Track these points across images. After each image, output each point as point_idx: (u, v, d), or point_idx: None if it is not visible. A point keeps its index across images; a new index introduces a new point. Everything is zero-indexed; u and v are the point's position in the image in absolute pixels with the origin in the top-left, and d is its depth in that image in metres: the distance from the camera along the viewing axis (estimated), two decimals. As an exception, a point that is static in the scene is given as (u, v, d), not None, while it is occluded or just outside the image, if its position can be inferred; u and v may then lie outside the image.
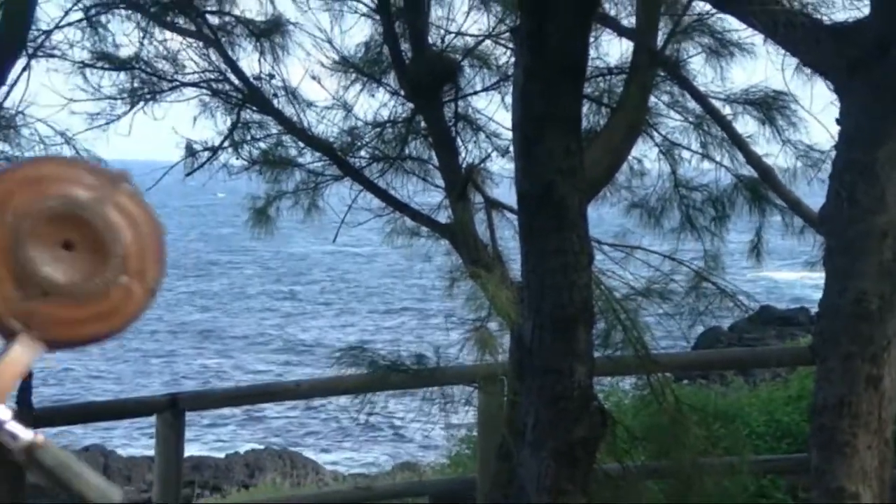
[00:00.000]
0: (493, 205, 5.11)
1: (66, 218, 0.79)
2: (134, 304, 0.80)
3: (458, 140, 5.39)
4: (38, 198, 0.78)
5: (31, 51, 5.13)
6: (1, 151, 5.14)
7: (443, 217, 5.28)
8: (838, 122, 3.96)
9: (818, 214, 4.25)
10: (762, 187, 5.65)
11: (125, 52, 5.49)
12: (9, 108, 5.15)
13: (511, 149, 4.70)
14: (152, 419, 5.29)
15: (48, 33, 5.27)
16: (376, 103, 5.60)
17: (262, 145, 5.72)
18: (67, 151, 5.27)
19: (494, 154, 5.57)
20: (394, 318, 27.52)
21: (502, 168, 5.47)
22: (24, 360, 0.78)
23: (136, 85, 5.51)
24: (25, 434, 0.78)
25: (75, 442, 13.24)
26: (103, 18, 5.42)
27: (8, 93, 5.05)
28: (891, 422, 3.80)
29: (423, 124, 5.46)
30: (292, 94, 5.55)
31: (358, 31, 5.89)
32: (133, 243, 0.80)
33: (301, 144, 5.63)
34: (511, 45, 5.09)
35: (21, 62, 5.01)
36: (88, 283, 0.79)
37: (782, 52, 4.66)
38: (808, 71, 4.99)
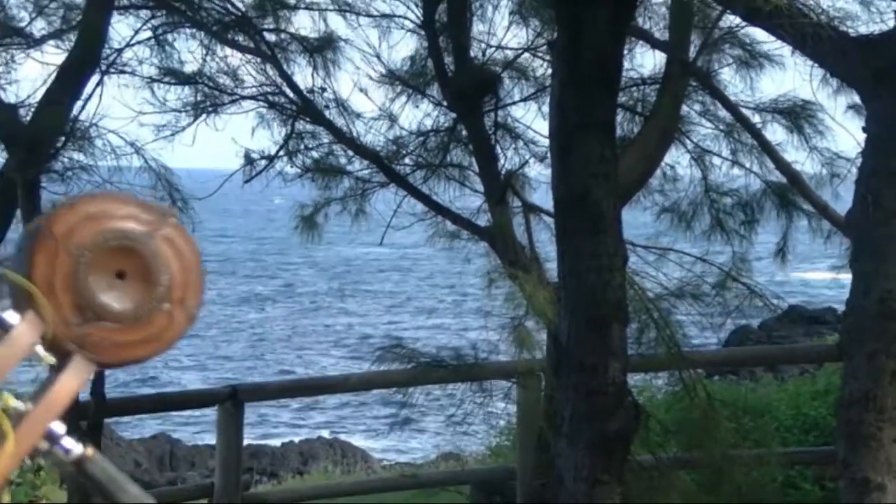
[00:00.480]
0: (530, 209, 5.11)
1: (121, 249, 0.81)
2: (174, 329, 0.82)
3: (498, 147, 5.40)
4: (98, 232, 0.81)
5: (104, 67, 5.24)
6: (77, 161, 5.25)
7: (482, 221, 5.28)
8: (864, 129, 3.90)
9: (845, 218, 4.18)
10: (790, 192, 5.58)
11: (189, 68, 5.59)
12: (84, 121, 5.27)
13: (548, 155, 4.69)
14: (214, 409, 5.36)
15: (120, 51, 5.39)
16: (420, 113, 5.64)
17: (315, 154, 5.78)
18: (137, 161, 5.38)
19: (532, 160, 5.58)
20: (436, 317, 27.57)
21: (539, 174, 5.47)
22: (77, 380, 0.80)
23: (199, 98, 5.60)
24: (77, 448, 0.80)
25: (141, 429, 13.46)
26: (170, 37, 5.52)
27: (83, 106, 5.17)
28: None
29: (464, 133, 5.47)
30: (342, 106, 5.60)
31: (404, 46, 5.94)
32: (178, 273, 0.83)
33: (350, 153, 5.67)
34: (548, 58, 5.08)
35: (95, 78, 5.13)
36: (137, 309, 0.81)
37: (810, 63, 4.60)
38: (835, 81, 4.91)
